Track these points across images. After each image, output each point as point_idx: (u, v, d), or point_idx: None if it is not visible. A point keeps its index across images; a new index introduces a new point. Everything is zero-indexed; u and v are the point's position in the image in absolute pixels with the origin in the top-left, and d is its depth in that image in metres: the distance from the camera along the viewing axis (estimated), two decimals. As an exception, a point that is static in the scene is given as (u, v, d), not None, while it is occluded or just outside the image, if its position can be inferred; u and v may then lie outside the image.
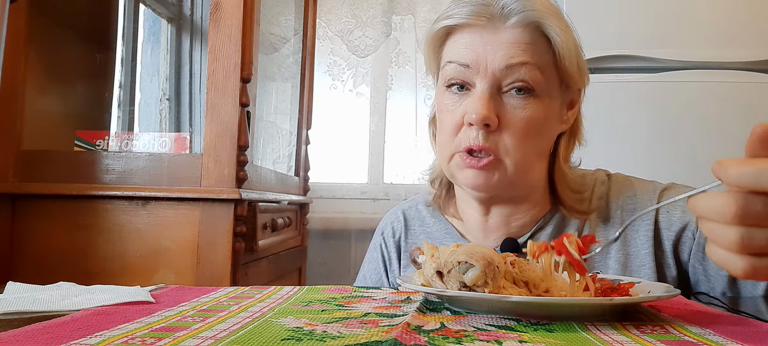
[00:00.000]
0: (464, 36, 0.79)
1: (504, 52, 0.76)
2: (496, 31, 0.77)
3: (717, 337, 0.48)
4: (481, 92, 0.76)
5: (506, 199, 0.83)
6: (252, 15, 1.36)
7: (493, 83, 0.77)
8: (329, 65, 2.33)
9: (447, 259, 0.58)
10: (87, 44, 1.65)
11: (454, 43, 0.81)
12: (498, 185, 0.78)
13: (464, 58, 0.78)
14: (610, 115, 1.68)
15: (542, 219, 0.86)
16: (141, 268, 1.29)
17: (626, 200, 0.85)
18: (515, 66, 0.76)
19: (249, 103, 1.34)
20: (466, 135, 0.77)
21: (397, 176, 2.35)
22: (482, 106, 0.75)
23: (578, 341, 0.46)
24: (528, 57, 0.76)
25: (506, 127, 0.77)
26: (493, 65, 0.76)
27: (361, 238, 2.23)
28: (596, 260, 0.83)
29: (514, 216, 0.85)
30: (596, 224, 0.85)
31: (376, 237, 0.99)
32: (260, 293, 0.68)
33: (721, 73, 1.68)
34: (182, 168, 1.31)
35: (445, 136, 0.81)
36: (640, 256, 0.82)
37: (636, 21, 1.72)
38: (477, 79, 0.77)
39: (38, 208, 1.32)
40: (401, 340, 0.44)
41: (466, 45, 0.79)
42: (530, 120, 0.77)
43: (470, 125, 0.77)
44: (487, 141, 0.76)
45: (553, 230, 0.85)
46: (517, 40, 0.77)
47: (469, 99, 0.78)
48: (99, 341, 0.43)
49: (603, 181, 0.89)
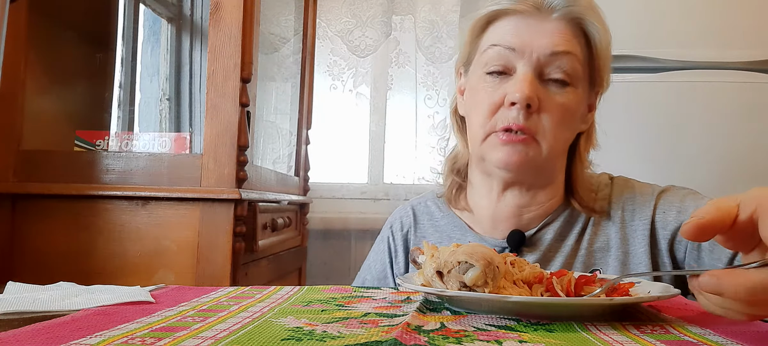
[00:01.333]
0: (510, 21, 0.82)
1: (550, 39, 0.79)
2: (541, 19, 0.80)
3: (717, 337, 0.48)
4: (524, 74, 0.79)
5: (527, 184, 0.86)
6: (252, 15, 1.36)
7: (536, 68, 0.80)
8: (329, 65, 2.33)
9: (447, 259, 0.58)
10: (87, 44, 1.65)
11: (499, 27, 0.83)
12: (529, 164, 0.81)
13: (510, 42, 0.80)
14: (610, 115, 1.67)
15: (552, 214, 0.88)
16: (141, 268, 1.29)
17: (626, 200, 0.87)
18: (560, 54, 0.79)
19: (249, 103, 1.34)
20: (505, 115, 0.80)
21: (397, 176, 2.35)
22: (526, 85, 0.78)
23: (578, 341, 0.46)
24: (571, 47, 0.80)
25: (544, 110, 0.79)
26: (539, 50, 0.79)
27: (361, 238, 2.22)
28: (597, 257, 0.85)
29: (526, 207, 0.87)
30: (600, 223, 0.87)
31: (384, 230, 1.01)
32: (260, 293, 0.68)
33: (721, 73, 1.68)
34: (182, 168, 1.31)
35: (480, 117, 0.83)
36: (637, 255, 0.84)
37: (636, 21, 1.72)
38: (520, 63, 0.80)
39: (38, 208, 1.32)
40: (401, 340, 0.44)
41: (512, 29, 0.81)
42: (566, 108, 0.81)
43: (512, 105, 0.79)
44: (527, 121, 0.79)
45: (561, 226, 0.87)
46: (561, 30, 0.80)
47: (509, 82, 0.80)
48: (99, 341, 0.43)
49: (606, 183, 0.91)
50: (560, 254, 0.86)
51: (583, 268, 0.85)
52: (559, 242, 0.87)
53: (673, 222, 0.83)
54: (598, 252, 0.85)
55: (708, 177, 1.64)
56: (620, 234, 0.85)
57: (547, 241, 0.87)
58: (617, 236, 0.85)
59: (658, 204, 0.85)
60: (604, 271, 0.84)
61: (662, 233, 0.84)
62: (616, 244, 0.85)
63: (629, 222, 0.86)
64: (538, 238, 0.87)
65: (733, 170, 1.66)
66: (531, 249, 0.87)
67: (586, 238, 0.86)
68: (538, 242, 0.87)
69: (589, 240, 0.86)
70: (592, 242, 0.86)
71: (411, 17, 2.26)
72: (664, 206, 0.85)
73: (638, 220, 0.85)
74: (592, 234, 0.86)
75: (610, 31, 0.85)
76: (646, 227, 0.84)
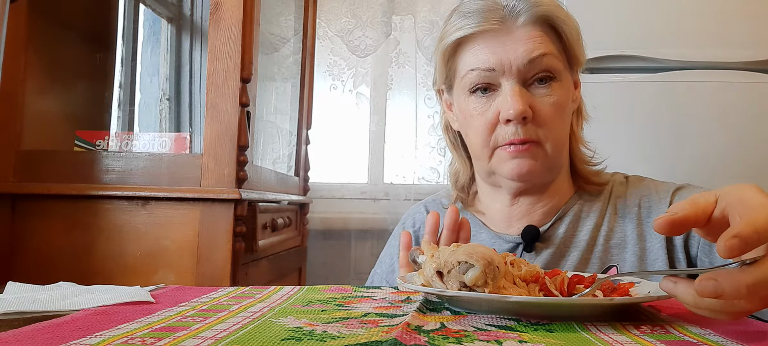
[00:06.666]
0: (480, 43, 0.83)
1: (523, 47, 0.81)
2: (509, 31, 0.82)
3: (717, 337, 0.48)
4: (512, 89, 0.81)
5: (538, 187, 0.88)
6: (252, 15, 1.36)
7: (519, 79, 0.81)
8: (329, 65, 2.33)
9: (447, 259, 0.58)
10: (87, 44, 1.65)
11: (471, 51, 0.84)
12: (540, 170, 0.83)
13: (487, 63, 0.82)
14: (610, 115, 1.68)
15: (563, 208, 0.90)
16: (141, 268, 1.29)
17: (643, 197, 0.89)
18: (536, 59, 0.81)
19: (249, 103, 1.34)
20: (504, 132, 0.82)
21: (397, 176, 2.35)
22: (517, 101, 0.80)
23: (578, 341, 0.46)
24: (545, 48, 0.82)
25: (539, 115, 0.82)
26: (517, 62, 0.81)
27: (361, 238, 2.22)
28: (613, 254, 0.87)
29: (538, 204, 0.89)
30: (614, 220, 0.88)
31: (397, 228, 1.05)
32: (260, 293, 0.68)
33: (721, 73, 1.68)
34: (182, 168, 1.31)
35: (480, 137, 0.85)
36: (654, 250, 0.85)
37: (636, 21, 1.72)
38: (503, 79, 0.82)
39: (38, 208, 1.32)
40: (401, 340, 0.44)
41: (485, 50, 0.82)
42: (558, 104, 0.83)
43: (507, 122, 0.81)
44: (526, 133, 0.81)
45: (572, 220, 0.89)
46: (531, 35, 0.82)
47: (498, 98, 0.82)
48: (99, 341, 0.43)
49: (621, 182, 0.93)
50: (575, 249, 0.87)
51: (600, 263, 0.86)
52: (572, 236, 0.88)
53: None
54: (615, 249, 0.86)
55: (708, 177, 1.64)
56: (637, 231, 0.86)
57: (560, 235, 0.88)
58: (634, 232, 0.86)
59: (674, 200, 0.86)
60: (621, 267, 0.85)
61: None
62: (632, 240, 0.86)
63: (646, 218, 0.87)
64: (551, 233, 0.88)
65: (733, 170, 1.66)
66: (545, 244, 0.88)
67: (603, 234, 0.87)
68: (551, 237, 0.88)
69: (605, 236, 0.87)
70: (609, 238, 0.87)
71: (411, 17, 2.26)
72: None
73: (655, 215, 0.86)
74: (608, 230, 0.87)
75: (571, 14, 0.87)
76: None
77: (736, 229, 0.44)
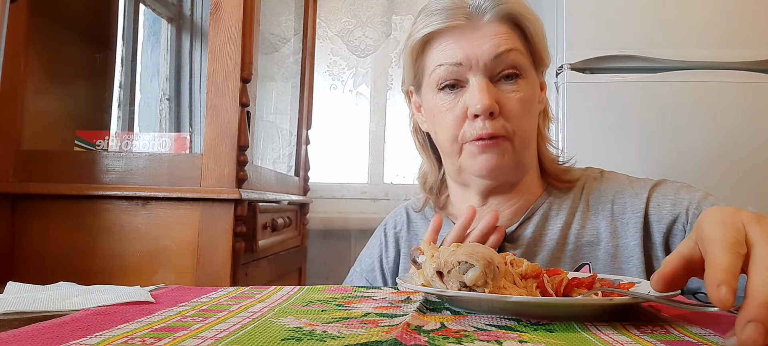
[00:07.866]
0: (448, 38, 0.84)
1: (490, 43, 0.82)
2: (476, 28, 0.83)
3: (717, 337, 0.48)
4: (479, 84, 0.81)
5: (507, 186, 0.88)
6: (252, 15, 1.36)
7: (486, 74, 0.82)
8: (329, 65, 2.33)
9: (447, 259, 0.58)
10: (87, 44, 1.65)
11: (438, 48, 0.85)
12: (508, 165, 0.83)
13: (454, 57, 0.83)
14: (610, 115, 1.68)
15: (530, 209, 0.89)
16: (141, 268, 1.29)
17: (617, 193, 0.88)
18: (503, 54, 0.81)
19: (249, 103, 1.34)
20: (472, 127, 0.82)
21: (397, 176, 2.35)
22: (484, 96, 0.80)
23: (578, 341, 0.46)
24: (511, 44, 0.83)
25: (506, 110, 0.82)
26: (483, 57, 0.81)
27: (361, 238, 2.22)
28: (585, 251, 0.86)
29: (507, 204, 0.89)
30: (586, 217, 0.88)
31: (378, 229, 1.05)
32: (260, 293, 0.68)
33: (721, 73, 1.68)
34: (182, 168, 1.31)
35: (449, 133, 0.85)
36: (628, 248, 0.84)
37: (636, 21, 1.72)
38: (470, 74, 0.82)
39: (38, 208, 1.32)
40: (401, 340, 0.44)
41: (452, 46, 0.83)
42: (524, 100, 0.83)
43: (475, 117, 0.81)
44: (493, 128, 0.81)
45: (540, 220, 0.89)
46: (497, 31, 0.83)
47: (466, 94, 0.83)
48: (99, 341, 0.43)
49: (595, 177, 0.93)
50: (544, 248, 0.87)
51: (572, 262, 0.85)
52: (541, 236, 0.87)
53: (668, 215, 0.83)
54: (587, 246, 0.86)
55: (708, 177, 1.64)
56: (610, 228, 0.86)
57: (529, 236, 0.88)
58: (607, 229, 0.86)
59: (652, 197, 0.86)
60: (593, 265, 0.84)
61: (657, 226, 0.84)
62: (606, 237, 0.85)
63: (620, 215, 0.86)
64: (519, 233, 0.88)
65: (733, 170, 1.66)
66: (513, 245, 0.88)
67: (573, 231, 0.87)
68: (520, 238, 0.88)
69: (576, 234, 0.86)
70: (580, 235, 0.86)
71: (411, 17, 2.26)
72: (659, 198, 0.85)
73: (630, 213, 0.86)
74: (579, 227, 0.87)
75: (535, 13, 0.87)
76: (638, 220, 0.84)
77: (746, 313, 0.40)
